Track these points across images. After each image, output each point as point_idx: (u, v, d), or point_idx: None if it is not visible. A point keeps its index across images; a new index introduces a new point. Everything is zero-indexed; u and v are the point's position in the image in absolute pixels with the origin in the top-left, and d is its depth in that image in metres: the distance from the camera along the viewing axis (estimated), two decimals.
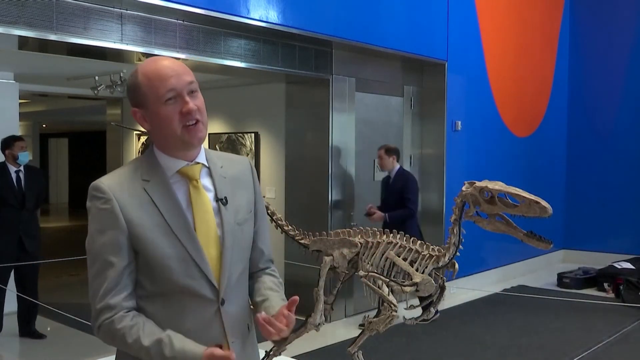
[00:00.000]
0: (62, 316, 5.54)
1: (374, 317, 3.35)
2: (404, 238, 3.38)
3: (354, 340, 3.41)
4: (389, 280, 3.28)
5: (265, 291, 1.85)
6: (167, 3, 4.59)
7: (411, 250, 3.30)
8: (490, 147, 8.14)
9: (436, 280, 3.26)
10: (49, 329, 6.04)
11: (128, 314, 1.64)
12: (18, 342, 5.78)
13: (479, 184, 2.95)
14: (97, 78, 6.86)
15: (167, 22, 4.86)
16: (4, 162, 5.66)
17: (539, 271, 8.82)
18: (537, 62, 9.06)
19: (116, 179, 1.70)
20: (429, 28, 7.06)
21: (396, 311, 3.28)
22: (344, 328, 6.05)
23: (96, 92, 7.06)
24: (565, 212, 9.52)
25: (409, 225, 5.83)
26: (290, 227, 3.89)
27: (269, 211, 3.80)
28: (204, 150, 1.79)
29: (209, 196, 1.75)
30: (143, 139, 8.42)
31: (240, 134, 7.27)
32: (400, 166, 6.27)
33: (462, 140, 7.65)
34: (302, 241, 3.79)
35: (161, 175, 1.71)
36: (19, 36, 4.17)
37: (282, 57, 5.81)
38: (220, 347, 1.62)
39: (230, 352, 1.56)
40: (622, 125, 9.30)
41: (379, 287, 3.29)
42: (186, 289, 1.67)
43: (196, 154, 1.76)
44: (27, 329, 5.79)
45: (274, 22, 5.36)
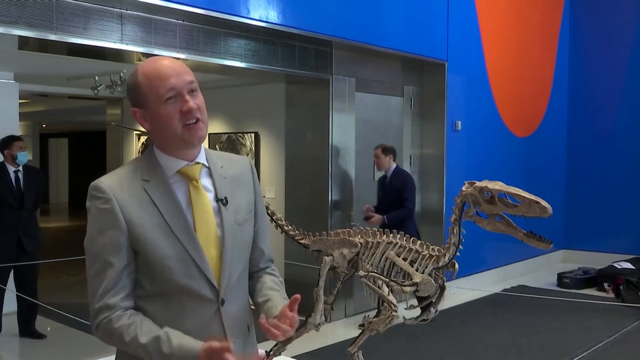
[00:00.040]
0: (62, 316, 5.54)
1: (374, 317, 3.35)
2: (404, 238, 3.38)
3: (354, 340, 3.41)
4: (389, 280, 3.28)
5: (267, 291, 1.85)
6: (167, 3, 4.59)
7: (411, 250, 3.30)
8: (490, 147, 8.14)
9: (436, 280, 3.26)
10: (49, 329, 6.03)
11: (125, 312, 1.64)
12: (18, 342, 5.78)
13: (479, 184, 2.95)
14: (97, 78, 6.86)
15: (167, 22, 4.86)
16: (2, 162, 5.66)
17: (539, 271, 8.82)
18: (537, 62, 9.06)
19: (116, 179, 1.70)
20: (429, 28, 7.05)
21: (396, 311, 3.28)
22: (344, 328, 6.04)
23: (96, 92, 7.06)
24: (565, 212, 9.51)
25: (406, 224, 5.83)
26: (290, 227, 3.89)
27: (269, 211, 3.80)
28: (204, 150, 1.79)
29: (209, 196, 1.75)
30: (143, 139, 8.41)
31: (240, 134, 7.26)
32: (396, 165, 6.26)
33: (462, 140, 7.65)
34: (302, 241, 3.79)
35: (161, 175, 1.71)
36: (19, 36, 4.17)
37: (282, 57, 5.81)
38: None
39: (228, 342, 1.54)
40: (622, 125, 9.29)
41: (379, 287, 3.29)
42: (186, 289, 1.67)
43: (196, 154, 1.75)
44: (27, 329, 5.79)
45: (274, 22, 5.36)
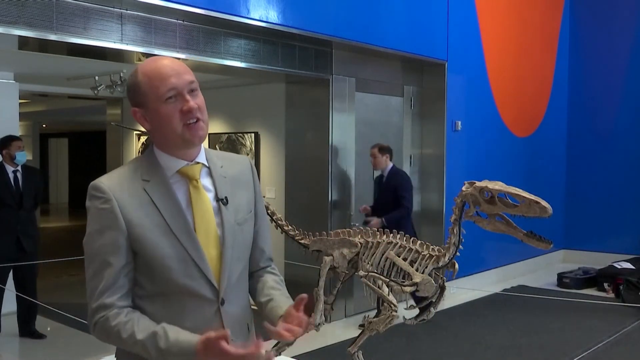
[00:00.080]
0: (62, 316, 5.53)
1: (374, 317, 3.35)
2: (404, 238, 3.38)
3: (354, 340, 3.41)
4: (389, 280, 3.29)
5: (269, 290, 1.85)
6: (167, 3, 4.59)
7: (411, 250, 3.30)
8: (490, 147, 8.13)
9: (436, 280, 3.26)
10: (49, 329, 6.03)
11: (122, 310, 1.63)
12: (18, 342, 5.78)
13: (479, 184, 2.95)
14: (97, 78, 6.86)
15: (167, 22, 4.86)
16: (1, 162, 5.66)
17: (539, 271, 8.82)
18: (537, 62, 9.06)
19: (116, 179, 1.70)
20: (429, 28, 7.05)
21: (396, 311, 3.29)
22: (344, 328, 6.04)
23: (96, 92, 7.05)
24: (565, 212, 9.51)
25: (403, 224, 5.82)
26: (290, 227, 3.89)
27: (269, 211, 3.80)
28: (204, 150, 1.79)
29: (209, 196, 1.75)
30: (143, 139, 8.41)
31: (240, 134, 7.26)
32: (393, 165, 6.26)
33: (462, 140, 7.64)
34: (302, 241, 3.79)
35: (161, 175, 1.71)
36: (19, 36, 4.17)
37: (282, 57, 5.81)
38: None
39: (224, 331, 1.53)
40: (622, 125, 9.29)
41: (379, 287, 3.29)
42: (186, 289, 1.67)
43: (196, 154, 1.75)
44: (27, 329, 5.79)
45: (274, 22, 5.36)
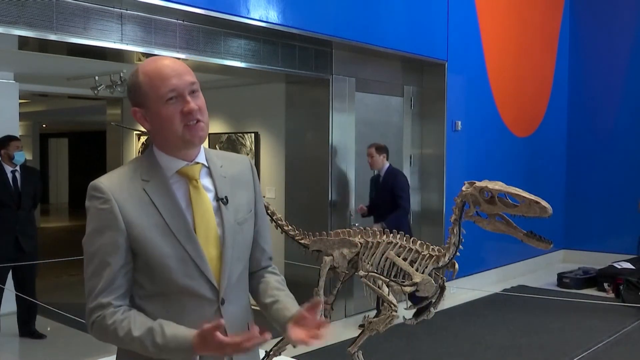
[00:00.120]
0: (62, 316, 5.53)
1: (374, 317, 3.35)
2: (404, 238, 3.38)
3: (354, 340, 3.41)
4: (389, 280, 3.29)
5: (273, 292, 1.85)
6: (167, 3, 4.59)
7: (411, 250, 3.30)
8: (490, 147, 8.13)
9: (436, 280, 3.26)
10: (49, 329, 6.03)
11: (119, 309, 1.64)
12: (18, 342, 5.78)
13: (479, 184, 2.95)
14: (97, 78, 6.86)
15: (167, 22, 4.85)
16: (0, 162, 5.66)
17: (539, 271, 8.82)
18: (537, 62, 9.06)
19: (115, 179, 1.70)
20: (429, 28, 7.05)
21: (396, 311, 3.29)
22: (344, 328, 6.04)
23: (96, 92, 7.05)
24: (565, 212, 9.51)
25: (400, 223, 5.82)
26: (290, 227, 3.89)
27: (269, 211, 3.80)
28: (203, 150, 1.79)
29: (209, 196, 1.74)
30: (143, 139, 8.41)
31: (240, 134, 7.26)
32: (390, 164, 6.26)
33: (462, 140, 7.65)
34: (302, 241, 3.79)
35: (161, 175, 1.71)
36: (19, 36, 4.17)
37: (282, 57, 5.81)
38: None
39: (219, 321, 1.52)
40: (622, 125, 9.29)
41: (379, 287, 3.29)
42: (185, 289, 1.67)
43: (196, 154, 1.75)
44: (27, 329, 5.79)
45: (274, 22, 5.36)
